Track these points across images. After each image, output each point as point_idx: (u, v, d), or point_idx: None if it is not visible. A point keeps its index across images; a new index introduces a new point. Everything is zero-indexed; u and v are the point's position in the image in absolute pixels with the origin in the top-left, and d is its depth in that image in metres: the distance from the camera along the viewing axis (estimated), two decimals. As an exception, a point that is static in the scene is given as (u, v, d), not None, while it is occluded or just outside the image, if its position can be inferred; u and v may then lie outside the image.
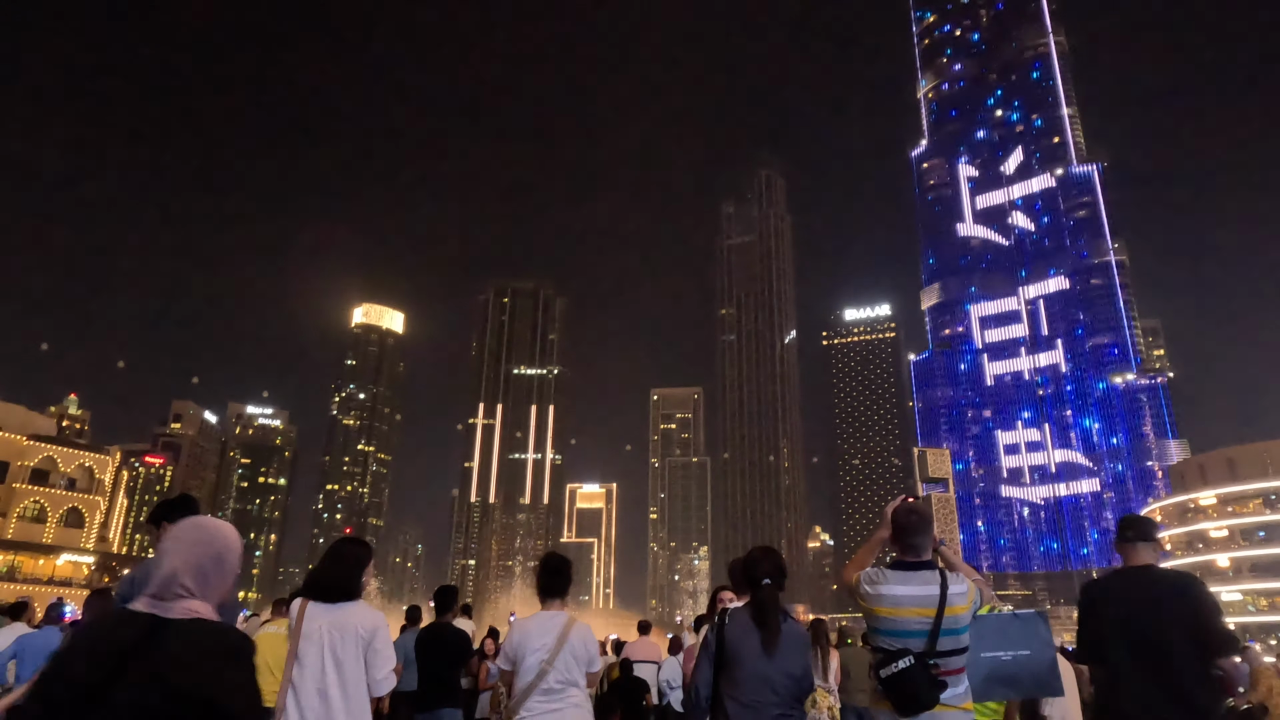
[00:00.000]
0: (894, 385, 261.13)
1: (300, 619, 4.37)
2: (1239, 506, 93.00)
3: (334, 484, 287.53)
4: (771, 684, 4.16)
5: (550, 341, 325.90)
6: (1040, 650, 4.28)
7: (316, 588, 4.49)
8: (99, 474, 75.08)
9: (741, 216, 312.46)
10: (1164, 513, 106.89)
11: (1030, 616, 4.47)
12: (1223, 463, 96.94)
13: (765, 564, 4.41)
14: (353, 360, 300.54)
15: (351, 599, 4.43)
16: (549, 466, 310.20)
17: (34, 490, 69.45)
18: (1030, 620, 4.40)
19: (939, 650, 3.91)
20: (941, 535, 15.96)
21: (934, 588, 3.99)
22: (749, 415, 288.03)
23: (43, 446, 71.76)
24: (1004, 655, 4.23)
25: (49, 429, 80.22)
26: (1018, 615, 4.42)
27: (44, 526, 69.43)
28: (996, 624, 4.30)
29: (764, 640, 4.23)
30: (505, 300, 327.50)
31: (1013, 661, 4.20)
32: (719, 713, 4.25)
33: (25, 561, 68.34)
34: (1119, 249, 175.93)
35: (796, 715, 4.25)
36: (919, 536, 4.16)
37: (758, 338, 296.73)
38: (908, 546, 4.17)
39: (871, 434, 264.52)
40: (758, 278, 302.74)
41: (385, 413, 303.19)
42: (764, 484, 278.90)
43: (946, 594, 3.97)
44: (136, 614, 2.42)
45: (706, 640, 4.47)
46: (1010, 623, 4.31)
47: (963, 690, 4.01)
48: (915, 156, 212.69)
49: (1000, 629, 4.29)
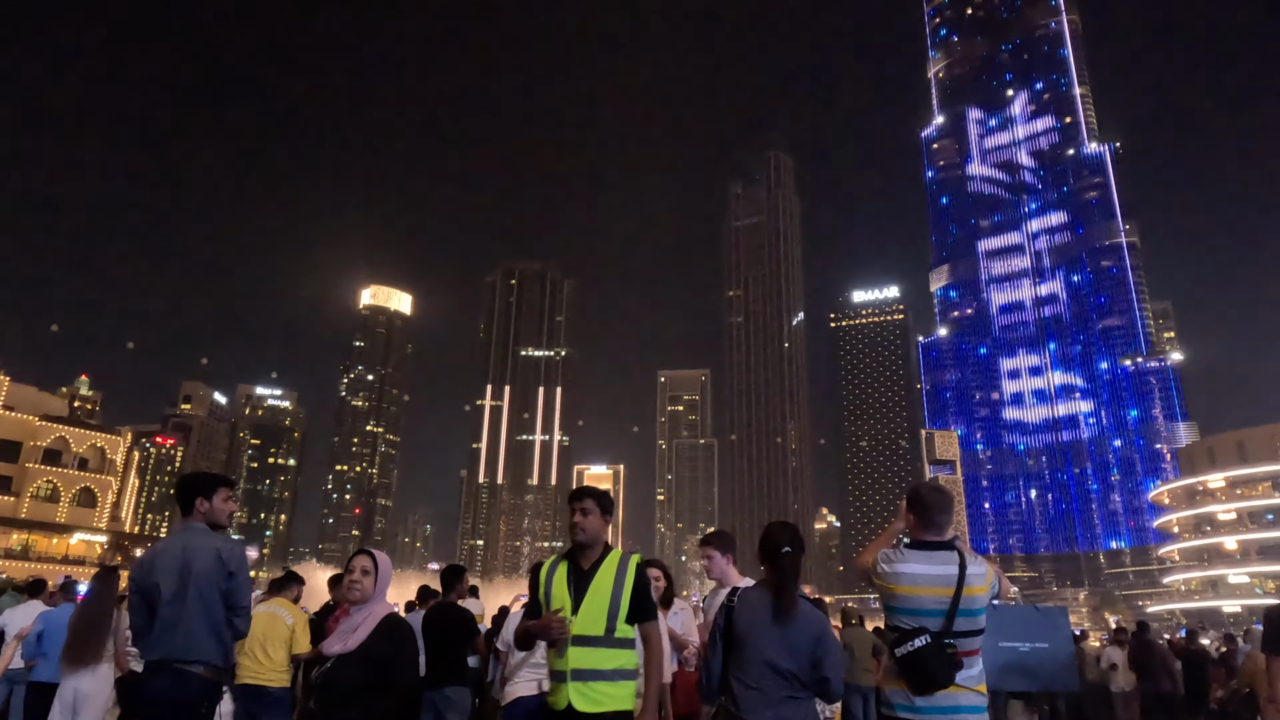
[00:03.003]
0: (902, 367, 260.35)
1: None
2: (1247, 489, 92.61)
3: (343, 465, 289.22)
4: (778, 666, 3.96)
5: (558, 323, 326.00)
6: (1059, 645, 4.25)
7: None
8: (110, 454, 75.61)
9: (749, 198, 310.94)
10: (1172, 495, 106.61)
11: (1052, 611, 4.48)
12: (1232, 445, 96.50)
13: (783, 535, 4.25)
14: (361, 342, 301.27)
15: None
16: (556, 448, 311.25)
17: (47, 470, 70.01)
18: (1051, 615, 4.40)
19: (955, 630, 3.90)
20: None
21: (953, 568, 3.97)
22: (756, 397, 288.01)
23: (55, 427, 72.25)
24: (1022, 646, 4.21)
25: (61, 410, 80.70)
26: (1039, 609, 4.42)
27: (57, 506, 70.06)
28: (1018, 615, 4.30)
29: (777, 609, 4.05)
30: (513, 282, 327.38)
31: (1030, 653, 4.18)
32: (727, 695, 4.11)
33: (39, 540, 69.04)
34: (1130, 231, 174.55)
35: (805, 699, 4.01)
36: (943, 514, 4.14)
37: (765, 320, 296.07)
38: (930, 524, 4.13)
39: (879, 416, 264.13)
40: (765, 260, 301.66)
41: (393, 394, 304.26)
42: (771, 466, 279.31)
43: (965, 574, 3.94)
44: None
45: (716, 620, 4.33)
46: (1031, 615, 4.31)
47: (977, 672, 4.00)
48: (925, 137, 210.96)
49: (1021, 620, 4.28)
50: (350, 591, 4.16)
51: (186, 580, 4.68)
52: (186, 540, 4.84)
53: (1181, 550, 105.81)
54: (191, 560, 4.73)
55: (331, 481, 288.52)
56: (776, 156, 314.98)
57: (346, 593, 4.19)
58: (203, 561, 4.74)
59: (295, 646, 7.48)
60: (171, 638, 4.58)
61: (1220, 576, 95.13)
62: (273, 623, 7.43)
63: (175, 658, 4.56)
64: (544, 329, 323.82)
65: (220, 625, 4.73)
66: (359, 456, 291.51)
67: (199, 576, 4.70)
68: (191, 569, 4.71)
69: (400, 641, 4.06)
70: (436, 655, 7.74)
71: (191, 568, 4.71)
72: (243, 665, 7.34)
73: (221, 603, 4.73)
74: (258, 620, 7.13)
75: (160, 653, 4.58)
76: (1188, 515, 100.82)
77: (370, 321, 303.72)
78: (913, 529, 4.22)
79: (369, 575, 4.18)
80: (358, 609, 4.14)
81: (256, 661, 7.29)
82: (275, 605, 7.67)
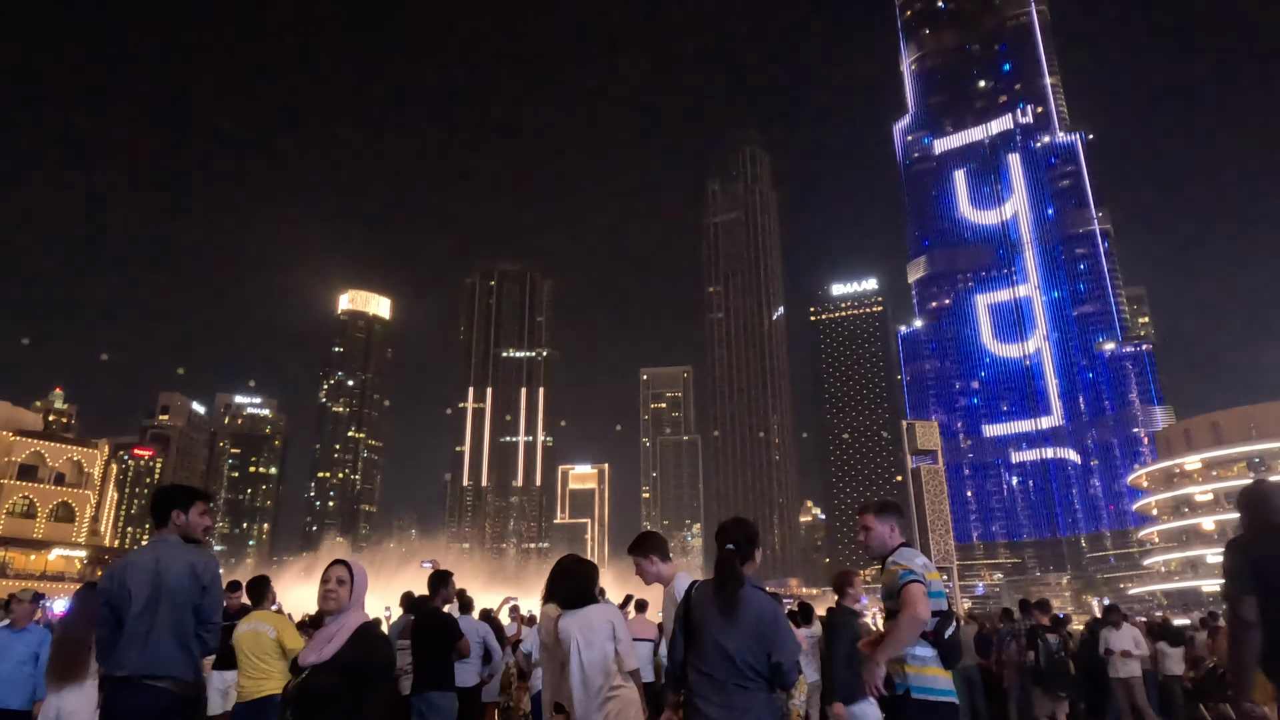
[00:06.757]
0: (882, 359, 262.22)
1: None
2: (1223, 470, 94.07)
3: (325, 472, 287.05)
4: (727, 653, 4.11)
5: (538, 323, 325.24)
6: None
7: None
8: (88, 468, 74.66)
9: (727, 194, 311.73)
10: (1150, 478, 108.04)
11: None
12: (1207, 427, 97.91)
13: (731, 531, 4.43)
14: (340, 347, 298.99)
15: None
16: (540, 448, 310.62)
17: (23, 486, 69.03)
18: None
19: None
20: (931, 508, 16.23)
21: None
22: (738, 392, 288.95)
23: (30, 442, 71.28)
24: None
25: (35, 424, 79.57)
26: None
27: (34, 522, 69.09)
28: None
29: (719, 603, 4.21)
30: (492, 283, 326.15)
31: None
32: (685, 682, 4.33)
33: (16, 557, 68.06)
34: (1103, 218, 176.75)
35: (755, 689, 4.12)
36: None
37: (746, 315, 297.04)
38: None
39: (860, 408, 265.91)
40: (744, 255, 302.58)
41: (375, 399, 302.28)
42: (755, 460, 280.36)
43: None
44: None
45: (678, 611, 4.52)
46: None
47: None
48: (899, 129, 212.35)
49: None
50: (326, 602, 4.14)
51: (159, 592, 4.63)
52: (160, 552, 4.79)
53: (1161, 532, 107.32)
54: (164, 573, 4.68)
55: (314, 489, 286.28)
56: (752, 151, 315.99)
57: (322, 603, 4.16)
58: (176, 574, 4.69)
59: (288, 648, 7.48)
60: (139, 651, 4.51)
61: (1199, 557, 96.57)
62: (256, 640, 7.41)
63: (143, 673, 4.49)
64: (524, 330, 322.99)
65: (189, 639, 4.67)
66: (341, 463, 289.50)
67: (171, 590, 4.64)
68: (164, 581, 4.65)
69: (374, 649, 4.04)
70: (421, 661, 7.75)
71: (164, 580, 4.66)
72: (242, 686, 7.37)
73: (193, 617, 4.68)
74: (242, 642, 7.15)
75: (128, 668, 4.51)
76: (1166, 498, 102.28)
77: (349, 327, 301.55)
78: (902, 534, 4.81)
79: (344, 585, 4.17)
80: (333, 619, 4.11)
81: (252, 680, 7.30)
82: (255, 622, 7.63)
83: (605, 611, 5.86)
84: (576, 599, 5.82)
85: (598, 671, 5.57)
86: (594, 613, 5.78)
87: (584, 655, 5.59)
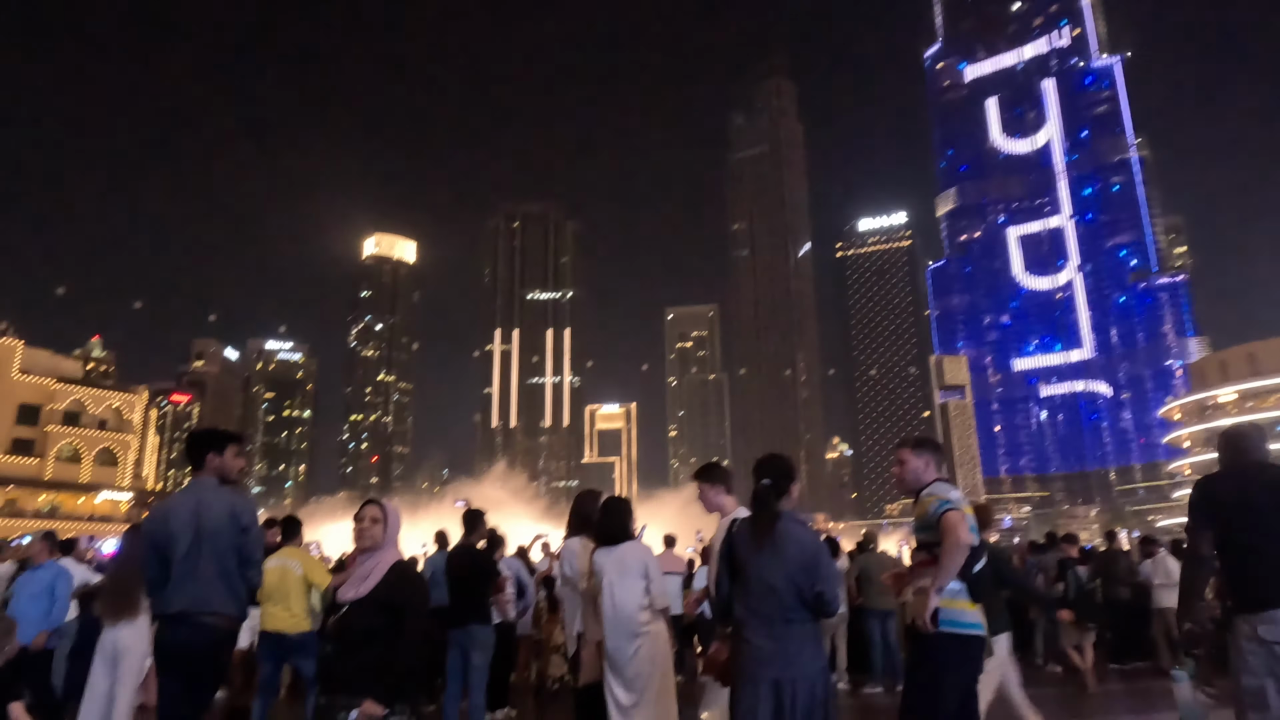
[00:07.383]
0: (910, 294, 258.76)
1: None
2: (1260, 401, 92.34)
3: (358, 414, 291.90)
4: (773, 587, 4.15)
5: (563, 264, 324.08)
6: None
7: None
8: (128, 414, 76.59)
9: (752, 129, 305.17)
10: (1183, 411, 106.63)
11: None
12: (1244, 358, 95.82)
13: (767, 466, 4.46)
14: (367, 291, 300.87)
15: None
16: (567, 389, 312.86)
17: (68, 432, 71.09)
18: None
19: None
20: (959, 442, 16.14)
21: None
22: (764, 330, 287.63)
23: (72, 389, 73.08)
24: None
25: (76, 372, 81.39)
26: None
27: (79, 466, 71.33)
28: None
29: (755, 537, 4.26)
30: (515, 225, 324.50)
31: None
32: (733, 617, 4.35)
33: (66, 500, 70.52)
34: (1141, 145, 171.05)
35: (800, 620, 4.15)
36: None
37: (771, 252, 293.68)
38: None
39: (888, 344, 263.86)
40: (770, 190, 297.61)
41: (403, 342, 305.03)
42: (781, 397, 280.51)
43: None
44: None
45: (721, 548, 4.54)
46: None
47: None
48: (928, 58, 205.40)
49: None
50: (361, 539, 4.25)
51: (200, 535, 4.76)
52: (200, 495, 4.92)
53: (1192, 465, 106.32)
54: (205, 514, 4.81)
55: (348, 431, 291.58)
56: (778, 83, 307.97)
57: (358, 540, 4.27)
58: (216, 516, 4.82)
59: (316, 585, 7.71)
60: (188, 590, 4.67)
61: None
62: (284, 576, 7.63)
63: (192, 609, 4.66)
64: (549, 271, 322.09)
65: (233, 577, 4.83)
66: (373, 406, 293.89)
67: (213, 531, 4.78)
68: (205, 524, 4.78)
69: (410, 587, 4.15)
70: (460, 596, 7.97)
71: (205, 522, 4.79)
72: (267, 612, 7.61)
73: (235, 556, 4.82)
74: (269, 576, 7.29)
75: (178, 605, 4.69)
76: (1198, 430, 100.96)
77: (375, 271, 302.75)
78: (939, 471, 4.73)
79: (378, 523, 4.27)
80: (368, 556, 4.21)
81: (278, 616, 7.55)
82: (284, 558, 7.85)
83: (638, 550, 5.95)
84: (614, 535, 5.92)
85: (631, 608, 5.68)
86: (628, 550, 5.87)
87: (616, 592, 5.70)
